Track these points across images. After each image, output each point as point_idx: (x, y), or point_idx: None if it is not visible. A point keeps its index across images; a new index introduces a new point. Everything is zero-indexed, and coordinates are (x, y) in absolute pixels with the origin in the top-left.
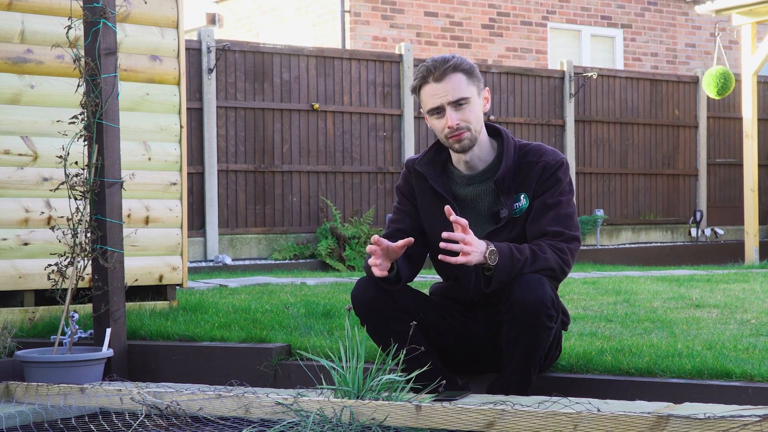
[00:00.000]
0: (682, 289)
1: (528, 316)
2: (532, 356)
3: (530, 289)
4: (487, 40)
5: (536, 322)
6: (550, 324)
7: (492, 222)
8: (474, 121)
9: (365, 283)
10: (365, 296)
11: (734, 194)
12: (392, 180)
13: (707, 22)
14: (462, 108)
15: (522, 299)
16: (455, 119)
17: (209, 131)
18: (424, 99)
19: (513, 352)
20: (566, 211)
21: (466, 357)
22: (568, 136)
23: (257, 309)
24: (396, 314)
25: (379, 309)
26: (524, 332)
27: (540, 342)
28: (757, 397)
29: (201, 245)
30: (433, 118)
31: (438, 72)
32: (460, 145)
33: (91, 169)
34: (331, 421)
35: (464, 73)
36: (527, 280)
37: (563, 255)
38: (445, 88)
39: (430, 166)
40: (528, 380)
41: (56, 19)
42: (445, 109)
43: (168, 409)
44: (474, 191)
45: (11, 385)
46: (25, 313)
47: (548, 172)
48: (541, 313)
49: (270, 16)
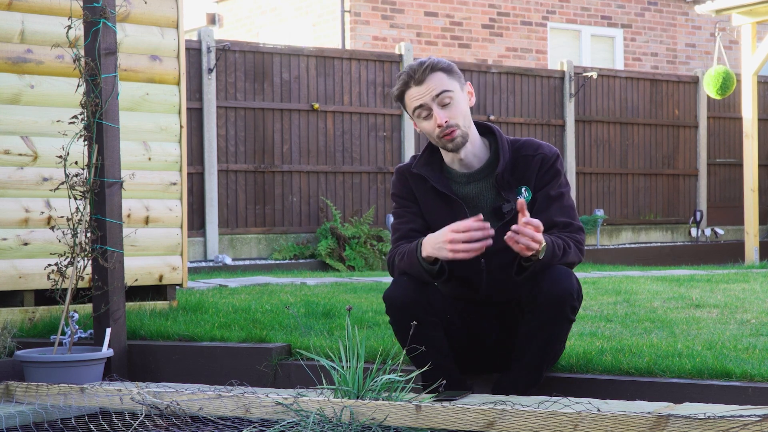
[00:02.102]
0: (682, 289)
1: (554, 307)
2: (548, 349)
3: (559, 281)
4: (487, 40)
5: (561, 313)
6: (572, 317)
7: (494, 218)
8: (461, 117)
9: (404, 284)
10: (403, 298)
11: (734, 194)
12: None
13: (707, 22)
14: (447, 106)
15: (550, 290)
16: (443, 117)
17: (209, 131)
18: (408, 103)
19: (528, 344)
20: (569, 203)
21: (474, 356)
22: (568, 136)
23: (257, 309)
24: (429, 318)
25: (416, 312)
26: (547, 323)
27: (559, 335)
28: (757, 397)
29: (201, 245)
30: (421, 120)
31: (418, 75)
32: (453, 144)
33: (91, 169)
34: (331, 421)
35: (443, 71)
36: (556, 272)
37: (580, 246)
38: (427, 87)
39: (428, 168)
40: (539, 375)
41: (56, 19)
42: (431, 107)
43: (168, 409)
44: (474, 189)
45: (11, 385)
46: (25, 313)
47: (547, 164)
48: (566, 304)
49: (270, 16)
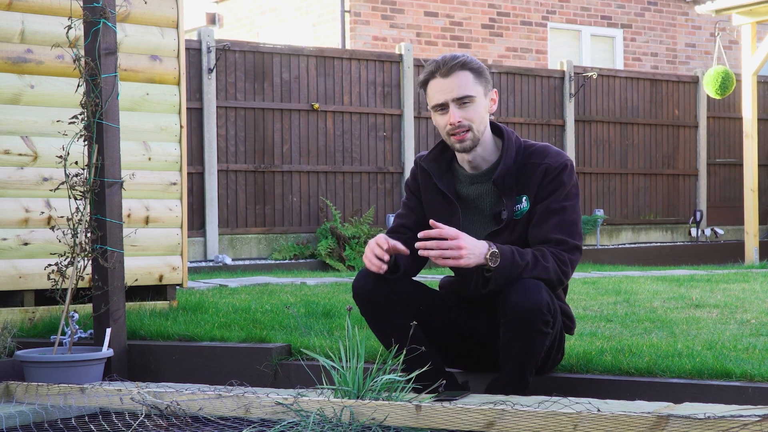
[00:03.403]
0: (682, 289)
1: (523, 321)
2: (528, 360)
3: (526, 295)
4: (487, 40)
5: (531, 327)
6: (546, 329)
7: (494, 223)
8: (477, 121)
9: (365, 274)
10: (365, 287)
11: (734, 194)
12: (392, 180)
13: (707, 22)
14: (466, 106)
15: (517, 304)
16: (458, 116)
17: (209, 131)
18: (429, 94)
19: (509, 355)
20: (571, 218)
21: (466, 353)
22: (568, 136)
23: (257, 309)
24: (395, 306)
25: (379, 300)
26: (519, 336)
27: (535, 346)
28: (757, 397)
29: (201, 245)
30: (437, 114)
31: (446, 68)
32: (461, 146)
33: (91, 169)
34: (331, 421)
35: (472, 72)
36: (524, 285)
37: (564, 266)
38: (450, 84)
39: (434, 164)
40: (524, 383)
41: (56, 19)
42: (448, 106)
43: (168, 409)
44: (476, 191)
45: (11, 385)
46: (25, 313)
47: (550, 175)
48: (536, 318)
49: (270, 16)
